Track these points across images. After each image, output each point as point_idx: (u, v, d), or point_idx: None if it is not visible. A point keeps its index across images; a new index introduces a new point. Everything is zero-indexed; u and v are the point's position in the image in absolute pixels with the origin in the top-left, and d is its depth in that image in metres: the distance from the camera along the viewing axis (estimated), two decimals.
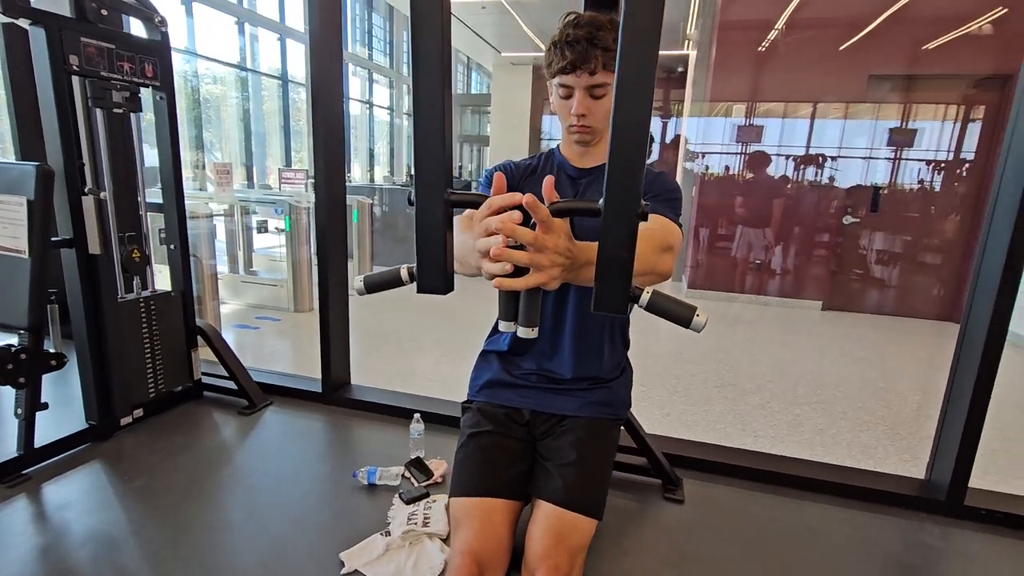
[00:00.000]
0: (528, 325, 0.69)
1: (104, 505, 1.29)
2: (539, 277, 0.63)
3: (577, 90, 1.01)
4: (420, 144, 0.64)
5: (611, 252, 0.63)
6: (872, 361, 3.63)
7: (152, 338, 1.68)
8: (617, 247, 0.62)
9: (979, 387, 1.32)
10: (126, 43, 1.50)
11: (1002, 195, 1.27)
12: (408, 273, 0.73)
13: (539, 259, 0.62)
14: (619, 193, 0.61)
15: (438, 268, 0.68)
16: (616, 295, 0.64)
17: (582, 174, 1.13)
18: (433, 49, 0.62)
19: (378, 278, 0.77)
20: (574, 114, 1.02)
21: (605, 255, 0.63)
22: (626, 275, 0.63)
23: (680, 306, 0.66)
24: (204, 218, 3.27)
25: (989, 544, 1.29)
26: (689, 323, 0.65)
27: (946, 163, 4.72)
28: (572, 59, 0.97)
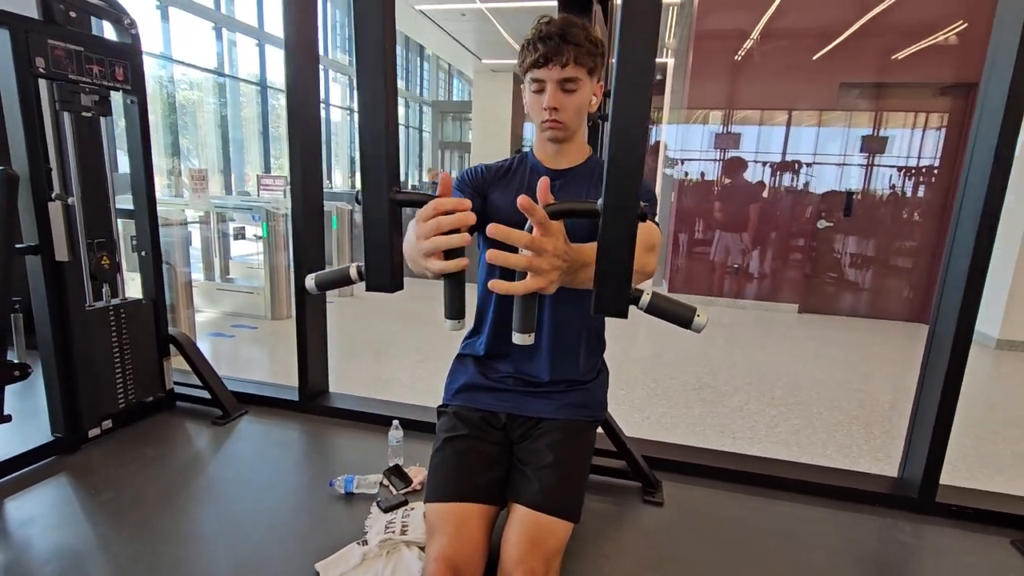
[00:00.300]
0: (525, 331, 0.67)
1: (70, 520, 1.24)
2: (539, 281, 0.61)
3: (549, 83, 1.01)
4: (365, 143, 0.64)
5: (612, 253, 0.62)
6: (847, 362, 3.70)
7: (122, 347, 1.64)
8: (618, 248, 0.61)
9: (948, 386, 1.35)
10: (95, 46, 1.47)
11: (967, 199, 1.31)
12: (357, 271, 0.73)
13: (539, 263, 0.61)
14: (619, 194, 0.60)
15: (386, 267, 0.68)
16: (618, 297, 0.63)
17: (556, 175, 1.13)
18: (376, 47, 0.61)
19: (328, 276, 0.77)
20: (546, 107, 1.02)
21: (606, 256, 0.62)
22: (627, 276, 0.62)
23: (680, 307, 0.66)
24: (178, 225, 3.21)
25: (960, 540, 1.32)
26: (690, 324, 0.65)
27: (915, 169, 4.86)
28: (544, 52, 0.99)
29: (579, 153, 1.14)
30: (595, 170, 1.14)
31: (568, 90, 1.02)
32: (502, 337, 1.16)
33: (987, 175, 1.24)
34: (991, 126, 1.24)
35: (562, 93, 1.02)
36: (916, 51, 4.57)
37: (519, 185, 1.14)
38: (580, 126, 1.11)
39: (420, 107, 14.36)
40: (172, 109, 7.24)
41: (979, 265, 1.28)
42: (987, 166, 1.24)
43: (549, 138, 1.08)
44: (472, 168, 1.16)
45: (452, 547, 0.90)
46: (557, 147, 1.12)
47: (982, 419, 2.81)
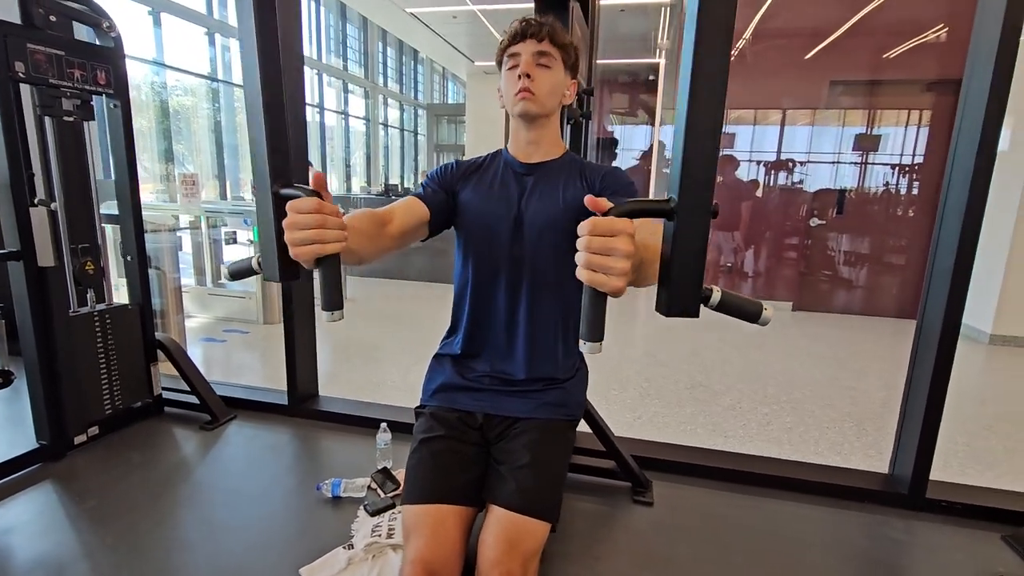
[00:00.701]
0: (596, 339, 0.62)
1: (53, 528, 1.23)
2: (615, 283, 0.58)
3: (524, 54, 1.03)
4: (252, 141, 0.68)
5: (686, 252, 0.60)
6: (839, 359, 3.71)
7: (108, 353, 1.62)
8: (692, 246, 0.60)
9: (936, 381, 1.35)
10: (76, 50, 1.46)
11: (951, 194, 1.31)
12: (257, 263, 0.76)
13: (619, 265, 0.58)
14: (694, 191, 0.58)
15: (273, 259, 0.71)
16: (690, 296, 0.62)
17: (529, 169, 1.12)
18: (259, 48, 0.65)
19: (237, 267, 0.81)
20: (520, 73, 1.03)
21: (679, 255, 0.60)
22: (699, 275, 0.61)
23: (749, 303, 0.66)
24: (168, 231, 3.20)
25: (950, 535, 1.32)
26: (758, 318, 0.65)
27: (907, 166, 4.88)
28: (520, 30, 1.03)
29: (553, 147, 1.14)
30: (572, 166, 1.13)
31: (543, 64, 1.03)
32: (477, 336, 1.15)
33: (970, 170, 1.24)
34: (974, 121, 1.24)
35: (537, 67, 1.03)
36: (905, 49, 4.59)
37: (490, 181, 1.13)
38: (553, 111, 1.10)
39: (415, 110, 14.36)
40: (166, 115, 7.22)
41: (964, 260, 1.28)
42: (970, 161, 1.24)
43: (521, 112, 1.06)
44: (443, 165, 1.15)
45: (429, 549, 0.88)
46: (530, 137, 1.11)
47: (974, 414, 2.81)
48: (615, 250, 0.57)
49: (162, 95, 7.11)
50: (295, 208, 0.67)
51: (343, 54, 10.86)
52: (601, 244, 0.57)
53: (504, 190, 1.11)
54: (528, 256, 1.10)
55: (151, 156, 6.95)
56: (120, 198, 1.66)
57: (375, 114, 12.21)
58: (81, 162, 1.59)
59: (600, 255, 0.57)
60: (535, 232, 1.08)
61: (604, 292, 0.59)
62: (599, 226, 0.58)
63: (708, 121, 0.56)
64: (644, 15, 6.84)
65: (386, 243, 0.99)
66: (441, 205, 1.10)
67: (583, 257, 0.58)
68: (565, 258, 1.10)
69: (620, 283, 0.58)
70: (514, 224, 1.09)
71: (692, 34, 0.54)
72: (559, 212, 1.08)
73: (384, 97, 12.64)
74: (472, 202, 1.11)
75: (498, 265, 1.11)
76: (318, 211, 0.67)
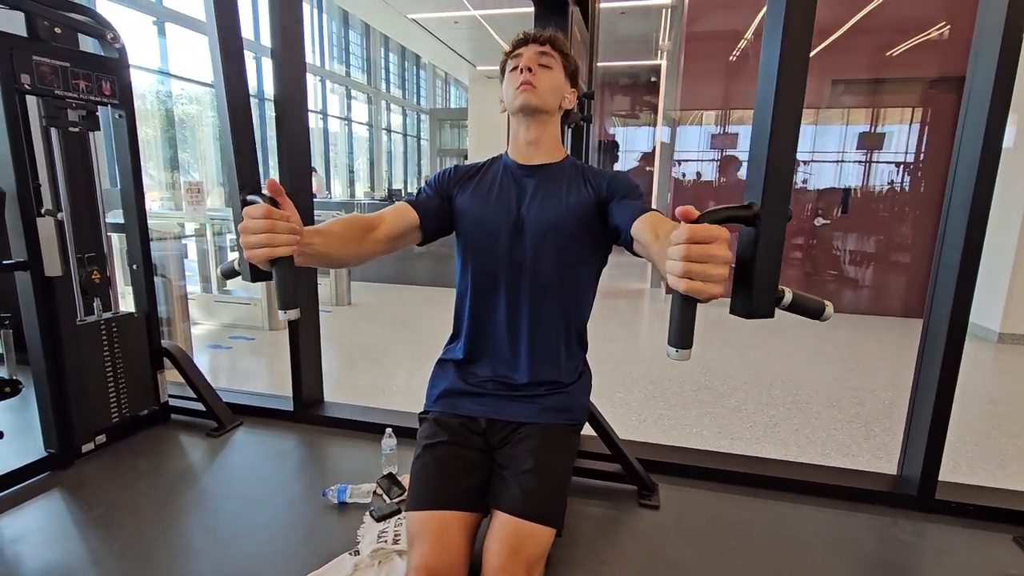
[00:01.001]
0: (685, 346, 0.62)
1: (62, 536, 1.24)
2: (716, 289, 0.58)
3: (527, 54, 1.06)
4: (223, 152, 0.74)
5: (767, 256, 0.62)
6: (846, 360, 3.68)
7: (115, 361, 1.63)
8: (773, 250, 0.62)
9: (944, 380, 1.33)
10: (81, 61, 1.47)
11: (956, 191, 1.30)
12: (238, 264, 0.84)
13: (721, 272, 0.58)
14: (775, 196, 0.59)
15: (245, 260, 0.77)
16: (766, 298, 0.64)
17: (530, 171, 1.13)
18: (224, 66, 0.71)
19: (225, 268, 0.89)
20: (522, 67, 1.05)
21: (760, 259, 0.62)
22: (776, 278, 0.63)
23: (815, 302, 0.69)
24: (174, 238, 3.22)
25: (960, 537, 1.30)
26: (821, 315, 0.68)
27: (910, 164, 4.85)
28: (524, 36, 1.08)
29: (554, 150, 1.14)
30: (574, 169, 1.13)
31: (544, 65, 1.06)
32: (479, 341, 1.15)
33: (975, 167, 1.23)
34: (977, 118, 1.23)
35: (539, 66, 1.06)
36: (907, 47, 4.57)
37: (489, 186, 1.14)
38: (553, 110, 1.11)
39: (418, 115, 14.42)
40: (171, 123, 7.28)
41: (970, 257, 1.27)
42: (975, 158, 1.23)
43: (522, 104, 1.06)
44: (442, 171, 1.16)
45: (433, 556, 0.88)
46: (530, 137, 1.11)
47: (983, 414, 2.79)
48: (715, 257, 0.58)
49: (167, 104, 7.16)
50: (247, 214, 0.73)
51: (346, 60, 10.93)
52: (701, 252, 0.57)
53: (503, 194, 1.12)
54: (529, 260, 1.10)
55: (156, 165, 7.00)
56: (126, 207, 1.68)
57: (378, 119, 12.26)
58: (87, 172, 1.61)
59: (700, 263, 0.57)
60: (538, 236, 1.08)
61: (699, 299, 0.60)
62: (698, 233, 0.58)
63: (789, 126, 0.58)
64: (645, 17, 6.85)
65: (372, 247, 1.02)
66: (434, 210, 1.11)
67: (680, 266, 0.58)
68: (568, 261, 1.10)
69: (719, 289, 0.59)
70: (514, 228, 1.09)
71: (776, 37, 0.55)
72: (563, 215, 1.08)
73: (387, 102, 12.70)
74: (470, 207, 1.11)
75: (497, 270, 1.11)
76: (267, 216, 0.73)
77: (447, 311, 1.21)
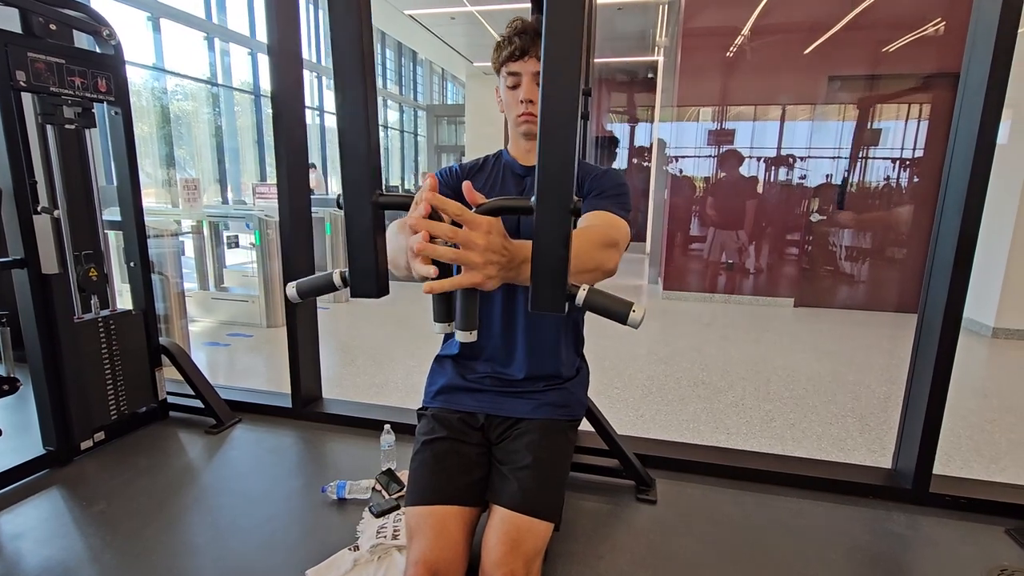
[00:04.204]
0: (466, 328, 0.67)
1: (61, 533, 1.24)
2: (472, 276, 0.61)
3: (525, 76, 1.03)
4: (345, 146, 0.63)
5: (546, 250, 0.62)
6: (841, 355, 3.70)
7: (112, 359, 1.63)
8: (552, 244, 0.61)
9: (938, 374, 1.35)
10: (77, 58, 1.47)
11: (951, 186, 1.31)
12: (341, 278, 0.71)
13: (470, 257, 0.60)
14: (551, 190, 0.60)
15: (370, 272, 0.67)
16: (554, 293, 0.63)
17: (528, 171, 1.13)
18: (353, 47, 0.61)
19: (311, 284, 0.75)
20: (522, 100, 1.03)
21: (540, 253, 0.62)
22: (563, 273, 0.62)
23: (617, 302, 0.65)
24: (171, 236, 3.21)
25: (953, 530, 1.32)
26: (626, 319, 0.64)
27: (907, 160, 4.87)
28: (520, 46, 1.01)
29: None
30: None
31: None
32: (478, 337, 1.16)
33: (970, 162, 1.24)
34: (972, 114, 1.24)
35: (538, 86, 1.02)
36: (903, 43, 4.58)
37: (490, 182, 1.14)
38: None
39: (415, 111, 14.38)
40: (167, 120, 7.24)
41: (964, 252, 1.28)
42: (969, 153, 1.24)
43: (524, 132, 1.08)
44: (446, 168, 1.16)
45: (432, 551, 0.89)
46: (531, 144, 1.11)
47: (977, 408, 2.81)
48: (471, 243, 0.59)
49: (163, 100, 7.13)
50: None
51: None
52: (463, 237, 0.60)
53: (504, 191, 1.12)
54: None
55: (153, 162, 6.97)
56: (122, 204, 1.67)
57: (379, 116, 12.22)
58: (83, 169, 1.60)
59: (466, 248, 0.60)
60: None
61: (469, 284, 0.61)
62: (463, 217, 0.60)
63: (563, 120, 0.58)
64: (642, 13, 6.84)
65: None
66: None
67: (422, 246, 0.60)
68: None
69: (478, 277, 0.61)
70: (512, 225, 1.10)
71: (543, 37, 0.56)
72: None
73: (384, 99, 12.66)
74: None
75: None
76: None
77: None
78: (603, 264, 0.82)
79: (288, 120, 1.67)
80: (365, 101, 0.62)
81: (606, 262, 0.83)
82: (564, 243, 0.61)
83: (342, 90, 0.62)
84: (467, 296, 0.66)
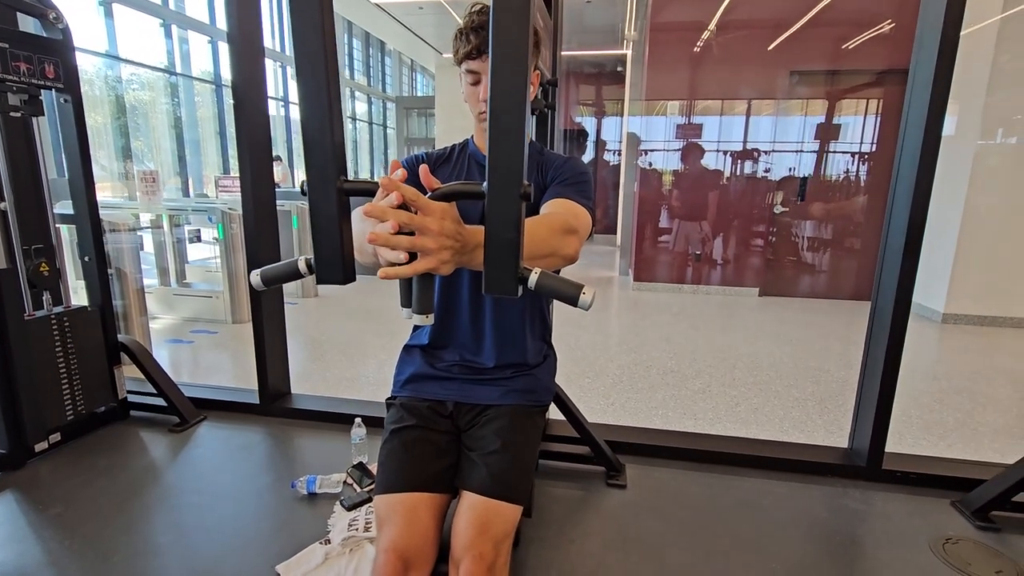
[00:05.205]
0: (422, 312, 0.68)
1: (15, 537, 1.19)
2: (428, 262, 0.61)
3: (484, 76, 1.01)
4: (308, 133, 0.63)
5: (497, 234, 0.63)
6: (803, 341, 3.83)
7: (68, 357, 1.57)
8: (503, 228, 0.62)
9: (890, 357, 1.41)
10: (22, 42, 1.40)
11: (900, 178, 1.37)
12: (306, 264, 0.71)
13: (424, 243, 0.61)
14: (501, 174, 0.61)
15: (336, 258, 0.67)
16: (505, 277, 0.64)
17: None
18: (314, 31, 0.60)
19: (275, 271, 0.74)
20: (483, 99, 1.02)
21: (492, 237, 0.63)
22: (514, 256, 0.63)
23: (567, 285, 0.66)
24: (128, 230, 3.09)
25: (905, 503, 1.39)
26: (576, 301, 0.65)
27: (865, 154, 5.05)
28: (477, 44, 0.99)
29: None
30: (532, 157, 1.14)
31: None
32: (445, 327, 1.16)
33: (917, 154, 1.30)
34: (920, 107, 1.30)
35: None
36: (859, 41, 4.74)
37: (456, 171, 1.14)
38: None
39: (384, 103, 14.15)
40: (122, 110, 6.94)
41: (913, 240, 1.34)
42: (917, 145, 1.30)
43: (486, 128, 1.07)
44: (413, 156, 1.15)
45: (402, 538, 0.89)
46: None
47: (927, 389, 2.95)
48: (425, 228, 0.60)
49: (117, 90, 6.83)
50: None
51: None
52: (417, 223, 0.60)
53: (468, 179, 1.12)
54: None
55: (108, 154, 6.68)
56: (75, 197, 1.61)
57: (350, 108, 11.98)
58: (31, 159, 1.53)
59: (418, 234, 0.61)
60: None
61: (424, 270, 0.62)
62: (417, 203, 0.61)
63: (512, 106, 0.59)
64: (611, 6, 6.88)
65: None
66: None
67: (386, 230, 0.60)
68: None
69: (433, 262, 0.61)
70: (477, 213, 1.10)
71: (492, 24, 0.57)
72: None
73: (351, 90, 12.41)
74: None
75: None
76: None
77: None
78: (559, 250, 0.82)
79: (250, 110, 1.63)
80: (328, 86, 0.62)
81: (564, 247, 0.83)
82: (515, 227, 0.62)
83: (304, 76, 0.62)
84: (424, 280, 0.67)
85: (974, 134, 4.11)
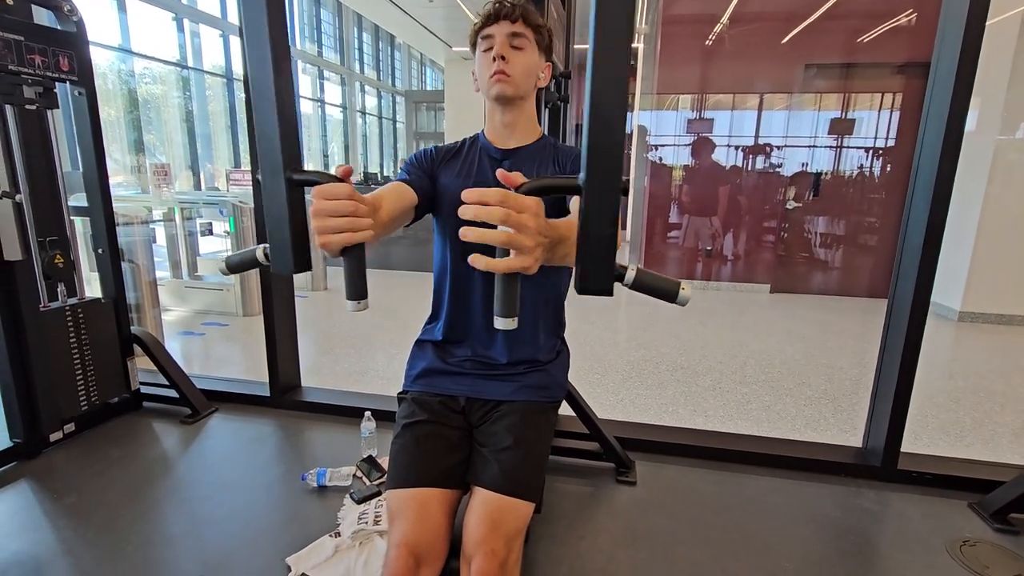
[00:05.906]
0: (508, 315, 0.63)
1: (31, 526, 1.21)
2: (524, 260, 0.58)
3: (498, 37, 1.03)
4: (258, 123, 0.61)
5: (596, 230, 0.59)
6: (816, 339, 3.79)
7: (82, 348, 1.59)
8: (602, 224, 0.59)
9: (906, 356, 1.39)
10: (37, 35, 1.40)
11: (920, 174, 1.34)
12: (264, 254, 0.71)
13: (521, 240, 0.58)
14: (601, 168, 0.58)
15: (287, 248, 0.66)
16: (602, 274, 0.61)
17: (505, 155, 1.12)
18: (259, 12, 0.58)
19: (238, 259, 0.75)
20: (495, 55, 1.02)
21: (589, 234, 0.60)
22: (611, 253, 0.60)
23: (666, 282, 0.64)
24: (141, 223, 3.11)
25: (920, 505, 1.37)
26: (675, 298, 0.64)
27: (880, 149, 4.97)
28: (494, 11, 1.03)
29: (529, 132, 1.14)
30: (546, 150, 1.13)
31: (516, 47, 1.04)
32: (458, 322, 1.15)
33: (938, 150, 1.27)
34: (941, 102, 1.27)
35: (511, 48, 1.03)
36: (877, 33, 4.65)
37: (468, 166, 1.13)
38: (528, 95, 1.10)
39: (393, 97, 14.15)
40: (134, 104, 6.99)
41: (933, 238, 1.31)
42: (938, 141, 1.27)
43: (497, 94, 1.05)
44: (422, 150, 1.14)
45: (413, 533, 0.89)
46: (506, 120, 1.10)
47: (944, 389, 2.91)
48: (524, 227, 0.58)
49: (130, 84, 6.88)
50: (326, 194, 0.62)
51: (318, 40, 10.62)
52: (515, 220, 0.58)
53: (481, 175, 1.11)
54: None
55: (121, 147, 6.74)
56: (89, 189, 1.62)
57: (352, 102, 11.99)
58: (46, 151, 1.54)
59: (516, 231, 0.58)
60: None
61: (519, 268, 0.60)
62: (508, 200, 0.58)
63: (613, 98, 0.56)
64: None
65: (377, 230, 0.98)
66: (427, 190, 1.09)
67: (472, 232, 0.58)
68: None
69: (529, 260, 0.59)
70: None
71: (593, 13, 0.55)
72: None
73: (361, 84, 12.42)
74: (450, 188, 1.10)
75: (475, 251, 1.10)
76: (350, 198, 0.63)
77: (425, 295, 1.20)
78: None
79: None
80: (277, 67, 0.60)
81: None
82: (612, 222, 0.59)
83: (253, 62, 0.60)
84: (509, 281, 0.62)
85: (994, 129, 4.03)
